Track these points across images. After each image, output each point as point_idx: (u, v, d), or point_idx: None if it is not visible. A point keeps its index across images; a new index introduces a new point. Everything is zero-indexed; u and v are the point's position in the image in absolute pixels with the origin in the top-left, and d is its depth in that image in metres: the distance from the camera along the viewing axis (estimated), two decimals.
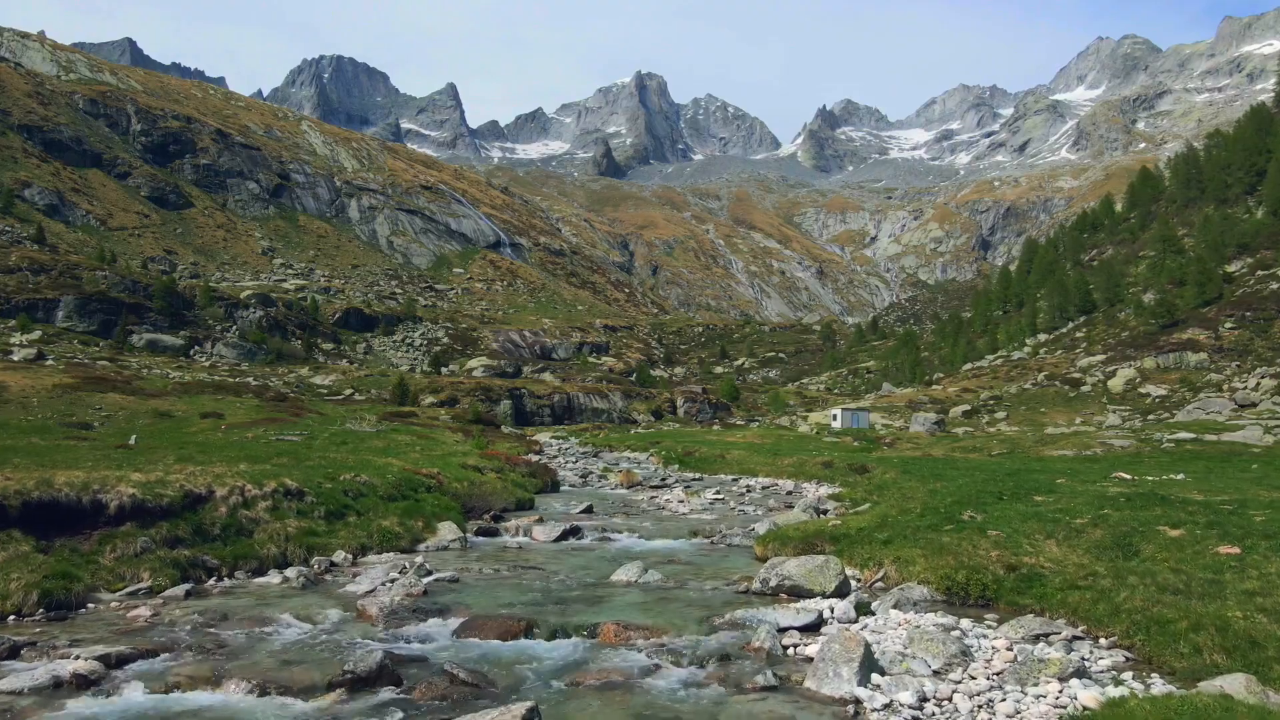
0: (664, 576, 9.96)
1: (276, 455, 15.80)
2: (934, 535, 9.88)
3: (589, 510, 16.82)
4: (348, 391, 52.39)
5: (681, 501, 18.43)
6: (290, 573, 9.72)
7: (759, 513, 16.91)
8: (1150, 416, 44.53)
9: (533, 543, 13.38)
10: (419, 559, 11.07)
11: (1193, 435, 27.89)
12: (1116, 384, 51.89)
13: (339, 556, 10.80)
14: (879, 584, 9.22)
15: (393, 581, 9.26)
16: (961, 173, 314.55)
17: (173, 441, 18.57)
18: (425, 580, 9.57)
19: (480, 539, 13.71)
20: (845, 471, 21.22)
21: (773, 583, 8.97)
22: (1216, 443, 27.07)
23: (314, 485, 12.42)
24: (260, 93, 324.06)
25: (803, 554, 10.51)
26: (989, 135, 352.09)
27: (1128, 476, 14.43)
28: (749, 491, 21.17)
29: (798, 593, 8.79)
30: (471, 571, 10.48)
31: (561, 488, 22.44)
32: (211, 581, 9.36)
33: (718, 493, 20.14)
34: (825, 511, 15.28)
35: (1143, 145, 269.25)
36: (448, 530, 12.94)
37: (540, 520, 14.97)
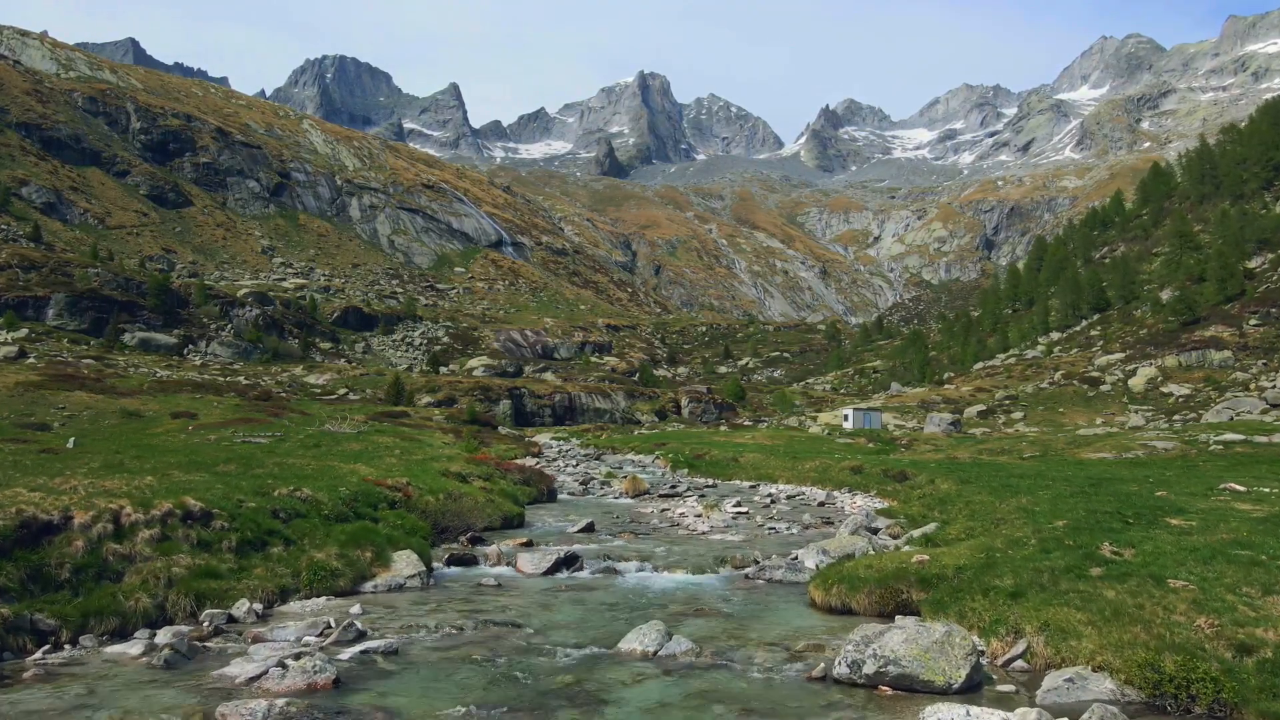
0: (694, 644, 7.21)
1: (225, 461, 13.52)
2: (1085, 585, 7.01)
3: (589, 529, 14.24)
4: (342, 391, 50.27)
5: (699, 516, 15.76)
6: (162, 636, 6.97)
7: (794, 531, 14.25)
8: (1175, 417, 42.39)
9: (517, 576, 10.71)
10: (355, 608, 8.48)
11: (1241, 436, 25.54)
12: (1137, 383, 49.70)
13: (241, 608, 8.13)
14: (1018, 664, 6.32)
15: (298, 657, 6.36)
16: (965, 172, 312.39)
17: (122, 444, 16.30)
18: (348, 654, 6.76)
19: (451, 570, 11.04)
20: (880, 478, 18.65)
21: (867, 668, 6.01)
22: (1269, 445, 24.76)
23: (230, 505, 9.86)
24: (263, 93, 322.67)
25: (883, 604, 7.93)
26: (992, 135, 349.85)
27: (1240, 488, 11.97)
28: (773, 502, 18.55)
29: (908, 685, 5.93)
30: (423, 632, 7.76)
31: (559, 496, 19.87)
32: (40, 653, 6.54)
33: (738, 504, 17.44)
34: (876, 530, 12.55)
35: (1147, 144, 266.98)
36: (405, 562, 10.21)
37: (529, 544, 12.44)
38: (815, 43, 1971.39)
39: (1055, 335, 69.27)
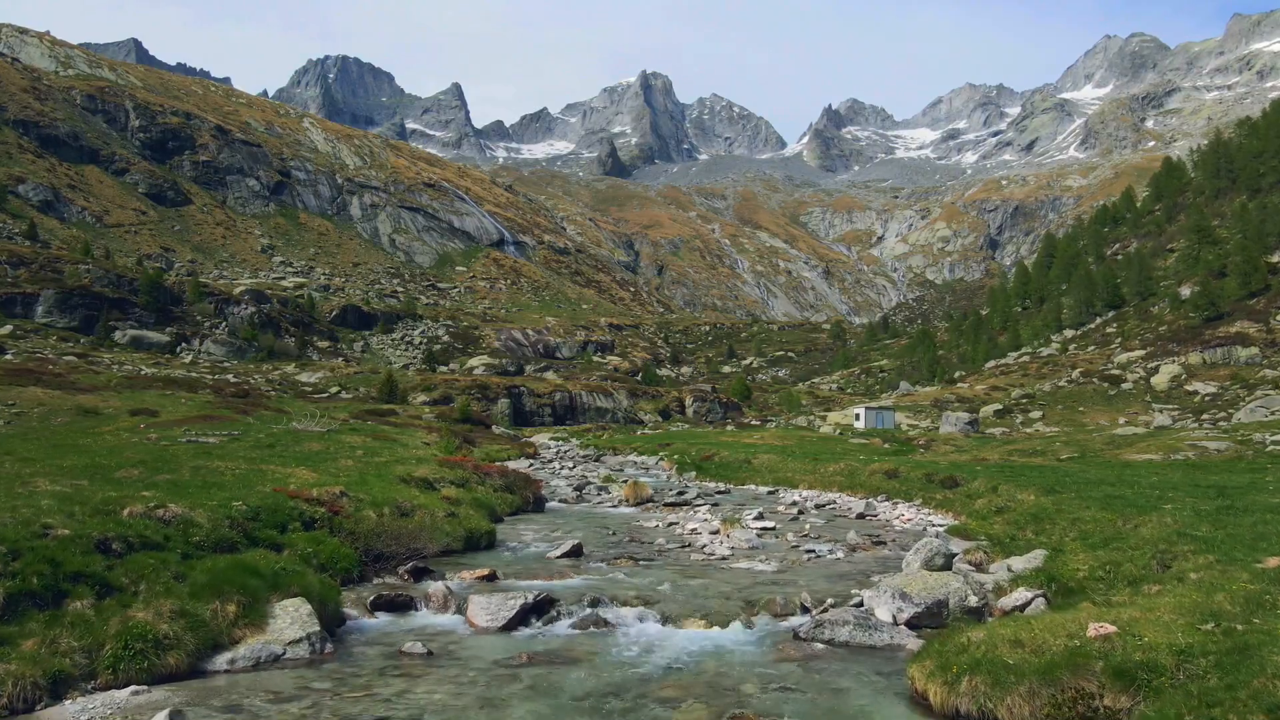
0: None
1: (136, 464, 11.52)
2: None
3: (576, 552, 11.11)
4: (334, 389, 49.07)
5: (715, 534, 12.93)
6: None
7: (838, 554, 11.35)
8: (1204, 416, 41.08)
9: (464, 634, 7.61)
10: (159, 717, 5.17)
11: None
12: (1160, 381, 48.41)
13: None
14: None
15: None
16: (968, 172, 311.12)
17: (37, 444, 14.77)
18: None
19: (373, 622, 7.86)
20: (923, 484, 16.16)
21: None
22: None
23: (21, 535, 6.86)
24: (266, 93, 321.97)
25: (1056, 717, 5.01)
26: (996, 134, 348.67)
27: None
28: (801, 513, 15.85)
29: None
30: None
31: (549, 505, 17.26)
32: None
33: (760, 516, 14.81)
34: (953, 556, 9.74)
35: (1152, 144, 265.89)
36: (290, 618, 6.92)
37: (492, 577, 9.42)
38: (818, 42, 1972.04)
39: (1069, 332, 68.13)
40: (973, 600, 7.92)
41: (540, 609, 8.07)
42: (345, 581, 8.87)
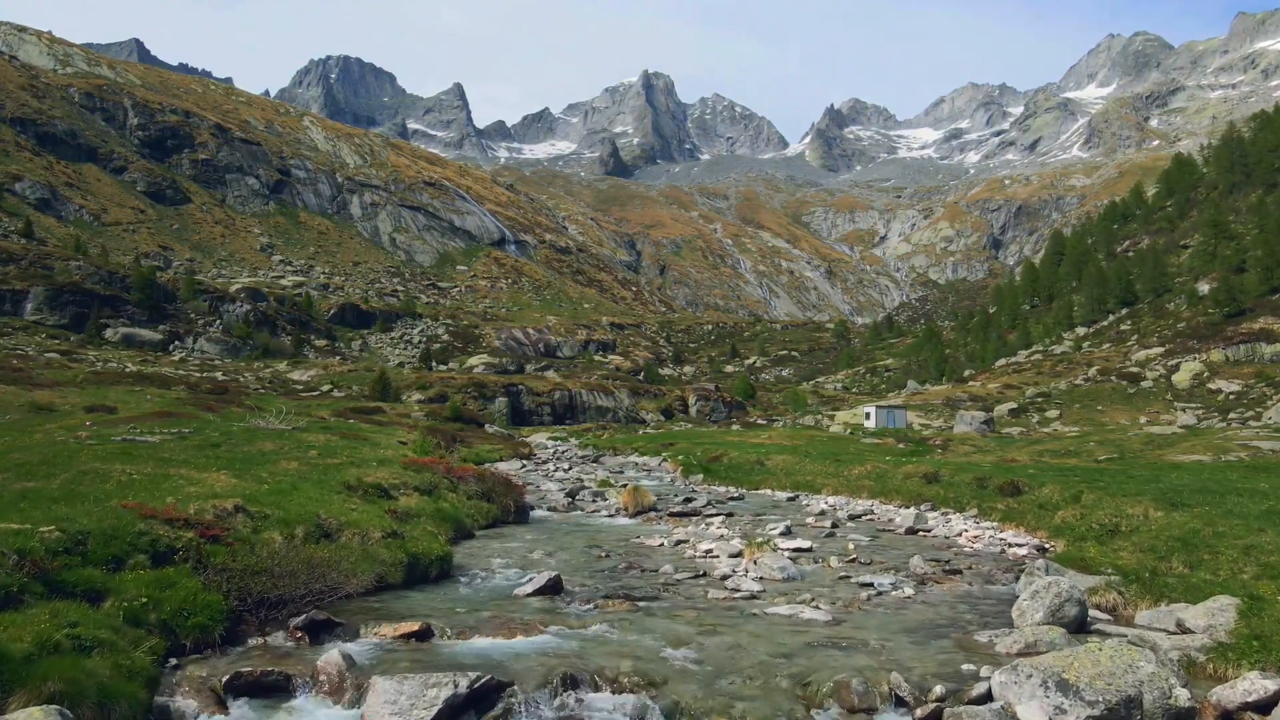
0: None
1: (7, 469, 9.63)
2: None
3: (554, 587, 8.32)
4: (326, 387, 47.71)
5: (737, 557, 10.28)
6: None
7: (906, 591, 8.60)
8: (1230, 415, 39.63)
9: None
10: None
11: None
12: (1182, 379, 46.92)
13: None
14: None
15: None
16: (971, 171, 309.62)
17: None
18: None
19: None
20: (974, 490, 13.74)
21: None
22: None
23: None
24: (268, 93, 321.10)
25: None
26: (998, 134, 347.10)
27: None
28: (835, 526, 13.30)
29: None
30: None
31: (535, 513, 14.86)
32: None
33: (789, 531, 12.31)
34: (1080, 601, 6.99)
35: (1156, 143, 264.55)
36: None
37: (423, 635, 6.47)
38: (820, 42, 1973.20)
39: (1081, 330, 66.72)
40: (1181, 698, 4.97)
41: (480, 701, 4.98)
42: (202, 645, 5.97)
